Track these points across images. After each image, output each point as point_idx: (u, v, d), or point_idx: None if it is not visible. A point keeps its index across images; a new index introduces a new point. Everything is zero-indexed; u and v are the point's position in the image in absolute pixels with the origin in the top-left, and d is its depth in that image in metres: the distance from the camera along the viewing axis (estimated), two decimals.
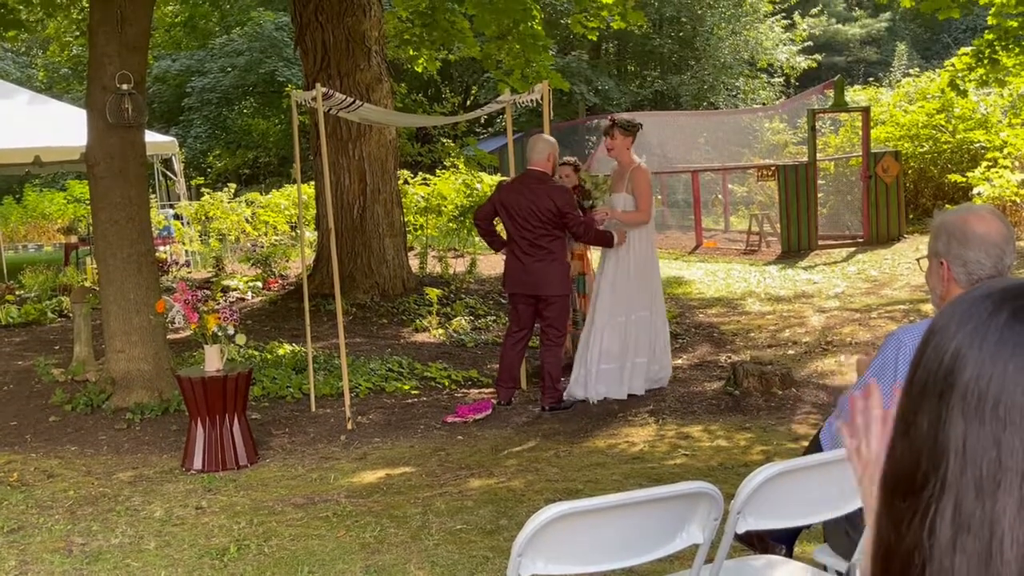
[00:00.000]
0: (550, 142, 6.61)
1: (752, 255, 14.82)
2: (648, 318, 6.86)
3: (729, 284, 12.11)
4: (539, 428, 6.25)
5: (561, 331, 6.64)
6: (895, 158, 14.28)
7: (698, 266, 14.24)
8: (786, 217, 14.13)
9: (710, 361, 8.13)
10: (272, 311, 10.89)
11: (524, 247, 6.51)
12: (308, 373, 7.12)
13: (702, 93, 29.81)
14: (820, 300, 10.40)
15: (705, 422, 6.21)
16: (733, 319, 9.90)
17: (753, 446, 5.61)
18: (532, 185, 6.46)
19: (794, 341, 8.61)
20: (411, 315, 10.37)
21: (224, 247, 16.07)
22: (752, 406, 6.52)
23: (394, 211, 11.26)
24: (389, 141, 11.15)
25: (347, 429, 6.33)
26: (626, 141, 6.80)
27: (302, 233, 7.61)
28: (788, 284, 11.66)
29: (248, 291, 11.95)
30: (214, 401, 5.53)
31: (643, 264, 6.82)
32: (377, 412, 6.80)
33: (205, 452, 5.54)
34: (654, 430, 6.08)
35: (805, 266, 13.02)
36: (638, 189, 6.72)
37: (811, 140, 14.30)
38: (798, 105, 17.93)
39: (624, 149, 6.82)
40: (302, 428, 6.46)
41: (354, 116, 7.28)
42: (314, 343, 8.66)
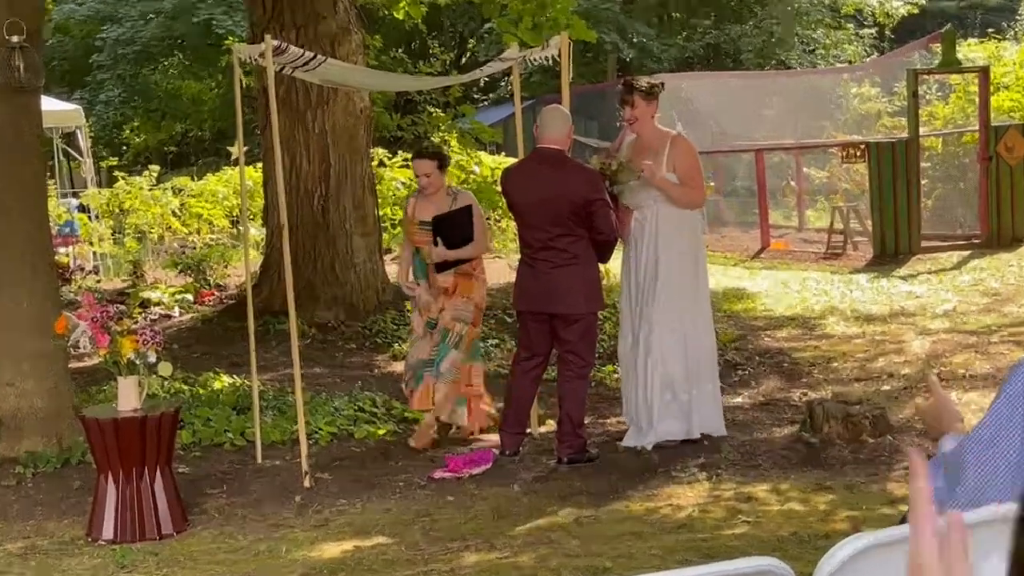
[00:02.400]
0: (567, 113, 6.66)
1: (835, 260, 14.82)
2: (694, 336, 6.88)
3: (805, 298, 12.09)
4: (555, 486, 6.24)
5: (586, 360, 6.65)
6: (1023, 133, 14.29)
7: (764, 275, 14.23)
8: (879, 211, 14.13)
9: (779, 399, 8.11)
10: (206, 332, 10.89)
11: (537, 251, 6.52)
12: (253, 414, 7.13)
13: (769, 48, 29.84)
14: (924, 319, 10.38)
15: (773, 479, 6.19)
16: (810, 344, 9.88)
17: (836, 511, 5.59)
18: (545, 169, 6.48)
19: (890, 373, 8.59)
20: (388, 338, 10.36)
21: (144, 248, 16.12)
22: (835, 458, 6.50)
23: (366, 201, 11.27)
24: (360, 110, 11.17)
25: (304, 487, 6.33)
26: (650, 108, 6.82)
27: (246, 230, 7.64)
28: (882, 298, 11.64)
29: (175, 306, 11.97)
30: (130, 450, 5.53)
31: (687, 264, 6.82)
32: (343, 465, 6.79)
33: (117, 517, 5.54)
34: (706, 489, 6.07)
35: (904, 275, 13.01)
36: (685, 164, 6.73)
37: (912, 110, 14.31)
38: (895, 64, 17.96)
39: (650, 118, 6.84)
40: (245, 486, 6.45)
41: (314, 77, 7.31)
42: (261, 375, 8.66)
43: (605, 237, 6.50)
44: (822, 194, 18.66)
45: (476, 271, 7.15)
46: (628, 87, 6.81)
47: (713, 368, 7.01)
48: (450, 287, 7.04)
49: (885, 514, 5.46)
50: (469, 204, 7.07)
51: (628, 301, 6.98)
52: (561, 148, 6.52)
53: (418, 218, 7.10)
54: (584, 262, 6.52)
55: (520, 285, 6.69)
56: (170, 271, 13.90)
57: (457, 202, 7.06)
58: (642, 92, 6.77)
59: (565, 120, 6.59)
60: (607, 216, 6.42)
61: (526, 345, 6.76)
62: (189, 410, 7.65)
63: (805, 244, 16.76)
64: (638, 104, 6.77)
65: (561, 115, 6.62)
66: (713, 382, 6.99)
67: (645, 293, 6.83)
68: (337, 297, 10.94)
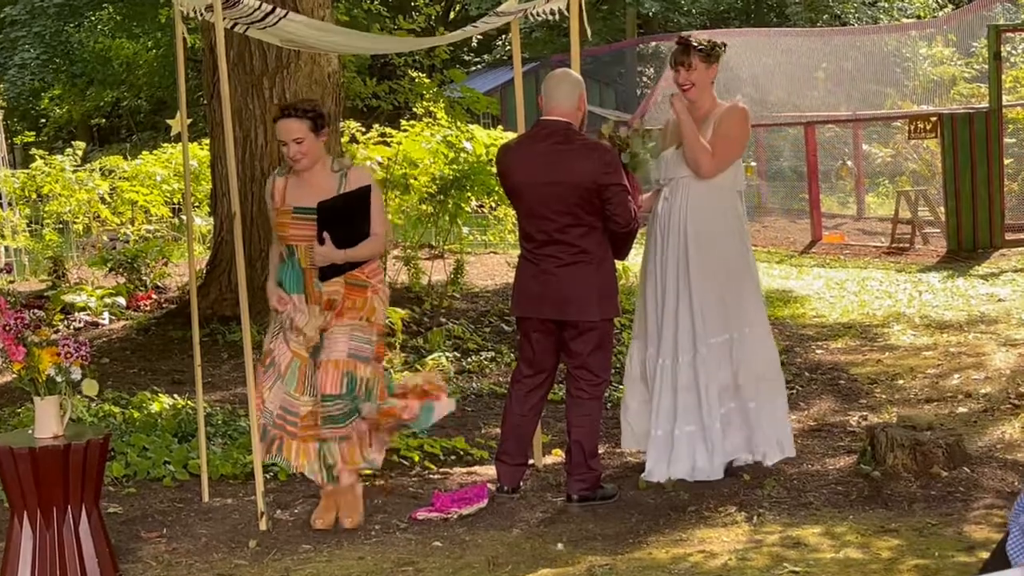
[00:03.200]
0: (580, 80, 6.64)
1: (901, 256, 14.85)
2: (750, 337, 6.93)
3: (864, 302, 12.11)
4: (564, 529, 6.25)
5: (600, 377, 6.65)
6: None
7: (815, 273, 14.25)
8: (955, 197, 14.15)
9: (834, 424, 8.12)
10: (142, 343, 10.89)
11: (541, 245, 6.52)
12: (198, 442, 7.13)
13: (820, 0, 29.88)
14: (1008, 328, 10.39)
15: (826, 520, 6.20)
16: (870, 357, 9.90)
17: (902, 558, 5.60)
18: (550, 147, 6.48)
19: (967, 393, 8.60)
20: None
21: (66, 242, 16.12)
22: (901, 495, 6.51)
23: None
24: (328, 76, 11.18)
25: (259, 530, 6.33)
26: (709, 72, 6.87)
27: (190, 220, 7.62)
28: (958, 302, 11.66)
29: (104, 311, 11.97)
30: (49, 486, 5.53)
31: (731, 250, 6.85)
32: (307, 504, 6.79)
33: (35, 564, 5.53)
34: (745, 533, 6.08)
35: (984, 274, 13.02)
36: (722, 125, 6.77)
37: (994, 74, 14.32)
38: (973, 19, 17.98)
39: (708, 84, 6.89)
40: (188, 528, 6.45)
41: (272, 36, 7.30)
42: (208, 394, 8.65)
43: (624, 228, 6.50)
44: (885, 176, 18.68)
45: (373, 280, 6.35)
46: (685, 46, 6.83)
47: (777, 378, 7.07)
48: (338, 302, 6.28)
49: (961, 562, 5.46)
50: (366, 185, 6.29)
51: (654, 300, 6.98)
52: (570, 121, 6.52)
53: (291, 204, 6.28)
54: (598, 259, 6.51)
55: (520, 287, 6.68)
56: (98, 269, 13.90)
57: (349, 182, 6.28)
58: (702, 53, 6.79)
59: (575, 86, 6.58)
60: (625, 203, 6.41)
61: (528, 359, 6.76)
62: (121, 437, 7.64)
63: (865, 237, 16.80)
64: (697, 66, 6.81)
65: (570, 80, 6.61)
66: (779, 396, 7.05)
67: (677, 288, 6.83)
68: None
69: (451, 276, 12.70)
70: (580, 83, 6.62)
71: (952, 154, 14.06)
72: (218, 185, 11.42)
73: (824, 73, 21.01)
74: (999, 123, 14.19)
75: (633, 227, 6.56)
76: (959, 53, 19.38)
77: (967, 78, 19.14)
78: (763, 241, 16.45)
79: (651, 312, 7.02)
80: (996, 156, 14.06)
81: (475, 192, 13.53)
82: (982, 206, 14.03)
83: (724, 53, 6.95)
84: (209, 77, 11.23)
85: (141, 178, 16.85)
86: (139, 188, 16.66)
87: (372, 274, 6.34)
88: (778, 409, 7.04)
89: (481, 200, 13.83)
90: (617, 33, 29.66)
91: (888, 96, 19.91)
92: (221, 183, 11.16)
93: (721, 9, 30.39)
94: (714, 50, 6.85)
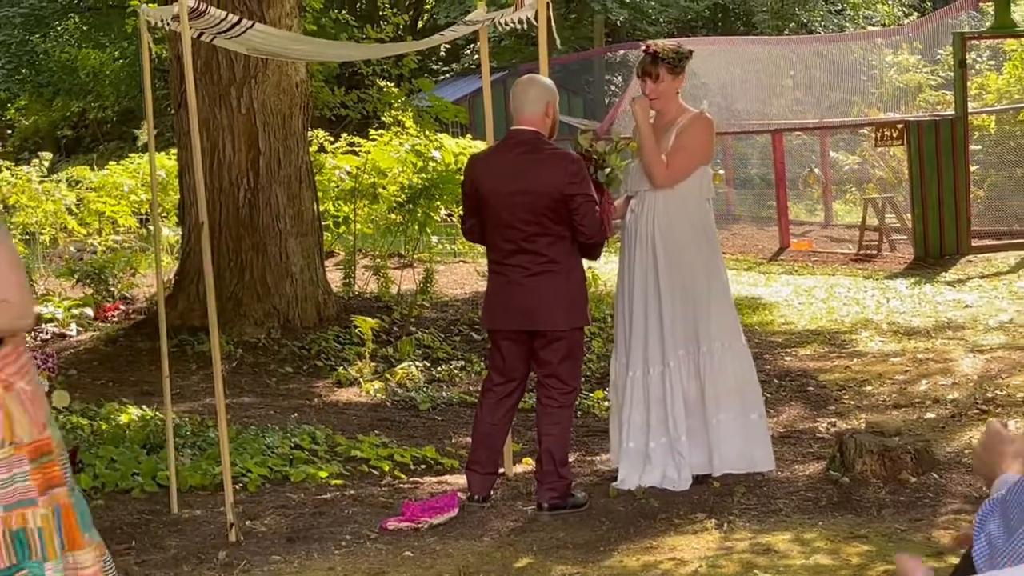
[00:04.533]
0: (548, 87, 6.62)
1: (868, 263, 14.91)
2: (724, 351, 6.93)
3: (832, 309, 12.15)
4: (534, 538, 6.24)
5: (570, 385, 6.65)
6: None
7: (783, 280, 14.29)
8: (921, 204, 14.22)
9: (803, 431, 8.14)
10: (110, 354, 10.84)
11: (509, 255, 6.51)
12: (167, 453, 7.10)
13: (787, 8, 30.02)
14: (976, 333, 10.44)
15: (796, 527, 6.21)
16: (839, 364, 9.93)
17: (871, 564, 5.62)
18: (517, 156, 6.48)
19: (935, 399, 8.63)
20: (331, 360, 10.35)
21: (33, 253, 16.02)
22: (870, 501, 6.53)
23: (303, 195, 11.25)
24: (296, 85, 11.16)
25: (229, 542, 6.31)
26: (676, 82, 6.88)
27: (157, 231, 7.61)
28: (925, 308, 11.71)
29: (71, 323, 11.91)
30: None
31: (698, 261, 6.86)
32: (277, 514, 6.77)
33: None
34: (716, 540, 6.08)
35: (951, 280, 13.09)
36: (683, 135, 6.77)
37: (959, 82, 14.41)
38: (937, 27, 18.09)
39: (674, 94, 6.89)
40: (158, 540, 6.42)
41: (240, 45, 7.29)
42: (177, 405, 8.61)
43: (590, 238, 6.52)
44: (852, 183, 18.77)
45: (5, 371, 4.30)
46: (653, 56, 6.82)
47: (750, 392, 7.04)
48: None
49: (931, 567, 5.48)
50: None
51: (623, 312, 7.00)
52: (538, 129, 6.51)
53: None
54: (566, 268, 6.52)
55: (491, 299, 6.68)
56: (65, 280, 13.82)
57: None
58: (669, 63, 6.80)
59: (543, 93, 6.56)
60: (591, 213, 6.41)
61: (498, 368, 6.75)
62: (89, 449, 7.60)
63: (832, 244, 16.85)
64: (664, 77, 6.81)
65: (537, 87, 6.58)
66: (754, 411, 7.02)
67: (645, 300, 6.84)
68: (269, 311, 10.91)
69: (420, 285, 12.68)
70: (548, 90, 6.58)
71: (918, 161, 14.13)
72: (186, 195, 11.38)
73: (791, 81, 21.11)
74: (965, 130, 14.27)
75: (600, 237, 6.58)
76: (925, 61, 19.50)
77: (933, 85, 19.26)
78: (731, 248, 16.50)
79: (623, 323, 7.03)
80: (962, 163, 14.14)
81: (444, 201, 13.53)
82: (948, 213, 14.10)
83: (690, 60, 6.97)
84: (176, 87, 11.19)
85: (108, 188, 16.77)
86: (106, 199, 16.58)
87: (5, 362, 4.28)
88: (753, 424, 7.02)
89: (450, 209, 13.83)
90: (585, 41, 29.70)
91: (855, 104, 20.01)
92: (189, 193, 11.11)
93: (688, 18, 30.48)
94: (681, 61, 6.86)
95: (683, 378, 6.85)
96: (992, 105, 16.66)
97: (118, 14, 25.13)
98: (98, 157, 24.60)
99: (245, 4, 10.48)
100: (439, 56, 31.77)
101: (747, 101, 20.45)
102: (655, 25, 28.83)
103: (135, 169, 17.25)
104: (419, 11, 32.04)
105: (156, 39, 6.94)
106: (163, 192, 15.68)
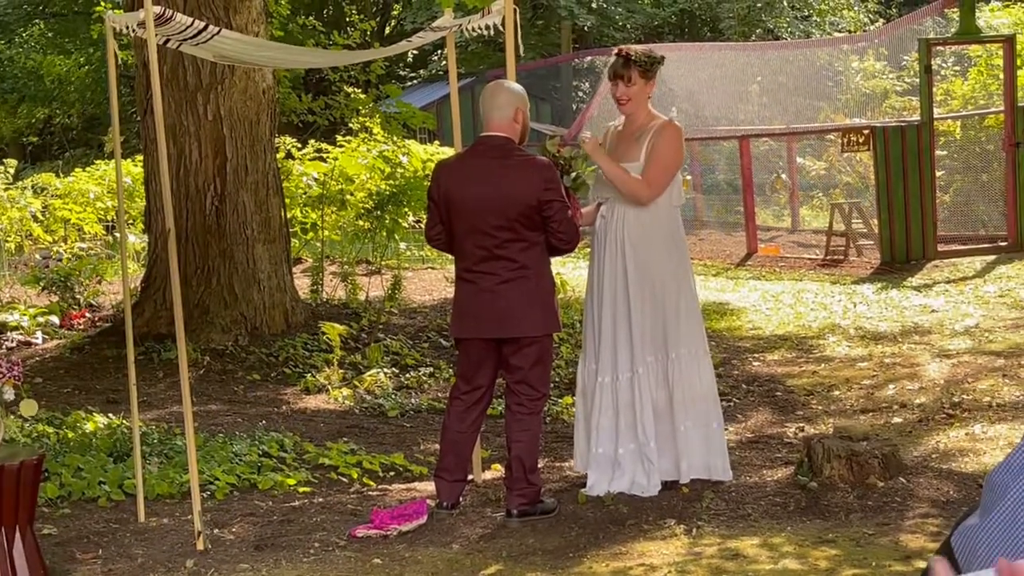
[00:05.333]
0: (517, 93, 6.62)
1: (835, 268, 14.96)
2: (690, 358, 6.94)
3: (800, 314, 12.19)
4: (504, 545, 6.24)
5: (540, 391, 6.65)
6: None
7: (751, 285, 14.33)
8: (887, 209, 14.30)
9: (771, 436, 8.16)
10: (76, 363, 10.79)
11: (479, 262, 6.51)
12: (134, 461, 7.06)
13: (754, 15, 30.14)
14: (942, 338, 10.50)
15: (764, 531, 6.23)
16: (806, 369, 9.96)
17: (840, 568, 5.63)
18: (487, 162, 6.48)
19: (902, 403, 8.67)
20: (299, 367, 10.33)
21: None
22: (838, 505, 6.55)
23: (270, 202, 11.23)
24: (263, 91, 11.14)
25: (197, 550, 6.28)
26: (647, 87, 6.89)
27: (123, 238, 7.57)
28: (891, 313, 11.76)
29: (37, 331, 11.85)
30: None
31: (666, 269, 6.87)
32: (245, 522, 6.75)
33: None
34: (684, 545, 6.09)
35: (917, 285, 13.15)
36: (656, 149, 6.77)
37: (925, 88, 14.49)
38: (904, 33, 18.20)
39: (645, 99, 6.90)
40: (125, 549, 6.39)
41: (206, 52, 7.27)
42: (144, 413, 8.58)
43: (567, 244, 6.54)
44: (819, 189, 18.85)
45: None
46: (625, 59, 6.82)
47: (712, 400, 7.06)
48: None
49: (898, 571, 5.51)
50: None
51: (592, 317, 7.01)
52: (508, 135, 6.51)
53: None
54: (537, 274, 6.52)
55: (460, 307, 6.66)
56: (31, 288, 13.76)
57: None
58: (642, 66, 6.80)
59: (511, 99, 6.54)
60: (567, 220, 6.43)
61: (466, 376, 6.74)
62: (55, 458, 7.56)
63: (800, 249, 16.92)
64: (635, 81, 6.81)
65: (506, 93, 6.57)
66: (716, 420, 7.04)
67: (614, 307, 6.85)
68: (236, 318, 10.89)
69: (388, 292, 12.67)
70: (517, 95, 6.56)
71: (885, 166, 14.20)
72: (152, 202, 11.35)
73: (758, 87, 21.18)
74: (930, 135, 14.35)
75: (575, 244, 6.61)
76: (891, 66, 19.60)
77: (899, 91, 19.36)
78: (699, 254, 16.54)
79: (592, 329, 7.04)
80: (928, 168, 14.22)
81: (412, 207, 13.52)
82: (915, 218, 14.18)
83: (662, 66, 6.98)
84: (142, 93, 11.15)
85: (74, 196, 16.71)
86: (72, 206, 16.52)
87: None
88: (712, 434, 7.04)
89: (418, 215, 13.82)
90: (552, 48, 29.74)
91: (821, 109, 20.09)
92: (155, 200, 11.08)
93: (656, 24, 30.56)
94: (653, 65, 6.87)
95: (652, 385, 6.87)
96: (958, 111, 16.76)
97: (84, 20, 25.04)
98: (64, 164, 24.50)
99: (212, 10, 10.46)
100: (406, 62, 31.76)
101: (714, 107, 20.51)
102: (622, 31, 28.89)
103: (101, 176, 17.20)
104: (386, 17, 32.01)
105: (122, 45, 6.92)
106: (129, 199, 15.63)
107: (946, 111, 16.50)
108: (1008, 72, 14.48)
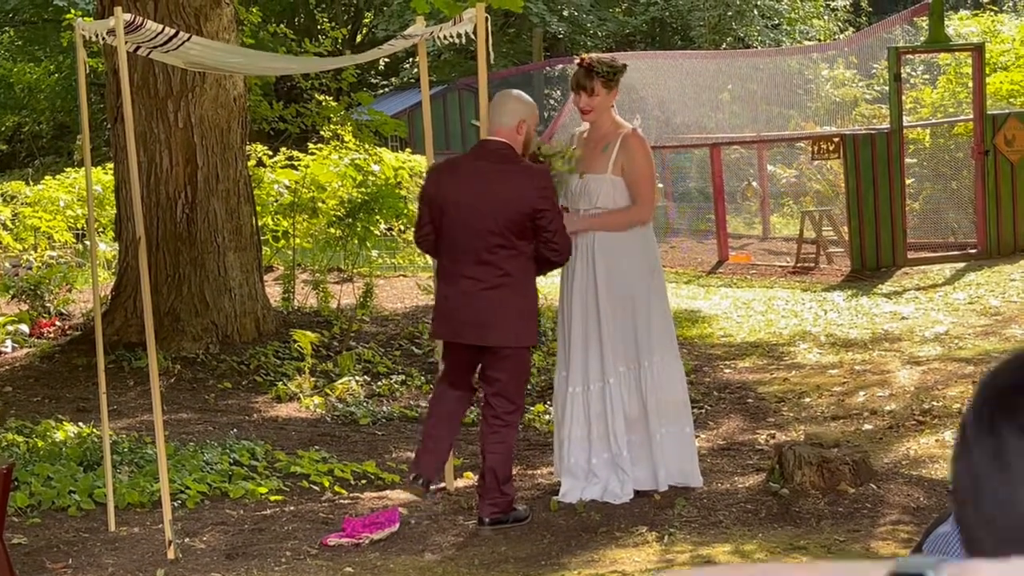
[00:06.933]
0: (525, 104, 6.62)
1: (806, 275, 15.01)
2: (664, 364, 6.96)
3: (771, 321, 12.22)
4: (476, 552, 6.24)
5: (515, 403, 6.65)
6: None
7: (722, 293, 14.37)
8: (858, 216, 14.35)
9: (742, 443, 8.18)
10: (46, 371, 10.74)
11: (465, 266, 6.49)
12: (104, 470, 7.04)
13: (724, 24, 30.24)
14: (912, 345, 10.54)
15: (736, 538, 6.24)
16: (778, 376, 9.98)
17: None
18: (483, 166, 6.47)
19: (873, 410, 8.70)
20: (270, 375, 10.30)
21: None
22: (809, 512, 6.57)
23: (241, 209, 11.21)
24: (234, 99, 11.12)
25: (168, 559, 6.26)
26: (610, 96, 6.90)
27: (94, 246, 7.54)
28: (862, 320, 11.80)
29: (6, 339, 11.79)
30: None
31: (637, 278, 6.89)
32: (216, 531, 6.73)
33: None
34: (656, 552, 6.10)
35: (887, 292, 13.20)
36: (635, 168, 6.79)
37: (894, 96, 14.56)
38: (874, 42, 18.27)
39: (608, 108, 6.91)
40: (95, 558, 6.37)
41: (177, 59, 7.25)
42: (114, 422, 8.54)
43: (560, 255, 6.54)
44: (789, 197, 18.91)
45: None
46: (587, 69, 6.82)
47: (684, 406, 7.08)
48: None
49: None
50: None
51: (563, 326, 7.02)
52: (509, 142, 6.50)
53: None
54: (521, 283, 6.50)
55: (441, 308, 6.66)
56: (0, 296, 13.69)
57: None
58: (604, 76, 6.81)
59: (518, 108, 6.56)
60: (562, 230, 6.43)
61: (452, 378, 6.77)
62: (25, 467, 7.53)
63: (771, 256, 16.96)
64: (598, 91, 6.82)
65: (514, 102, 6.58)
66: (688, 424, 7.07)
67: (585, 317, 6.86)
68: (207, 326, 10.85)
69: (360, 299, 12.64)
70: (525, 107, 6.59)
71: (855, 174, 14.25)
72: (122, 210, 11.30)
73: (729, 95, 21.24)
74: (900, 143, 14.41)
75: (567, 256, 6.60)
76: (860, 75, 19.68)
77: (868, 99, 19.44)
78: (670, 262, 16.56)
79: (563, 339, 7.05)
80: (898, 176, 14.27)
81: (384, 215, 13.50)
82: (884, 225, 14.23)
83: (624, 74, 6.99)
84: (113, 100, 11.11)
85: (44, 204, 16.60)
86: (42, 214, 16.42)
87: None
88: (685, 438, 7.06)
89: (390, 223, 13.81)
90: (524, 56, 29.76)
91: (792, 117, 20.16)
92: (125, 208, 11.04)
93: (627, 32, 30.64)
94: (615, 75, 6.88)
95: (624, 394, 6.87)
96: (927, 119, 16.84)
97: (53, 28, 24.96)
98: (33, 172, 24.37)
99: (182, 18, 10.43)
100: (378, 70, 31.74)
101: (685, 115, 20.54)
102: (594, 39, 28.95)
103: (71, 184, 17.11)
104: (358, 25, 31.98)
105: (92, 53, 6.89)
106: (99, 207, 15.56)
107: (916, 119, 16.58)
108: (977, 80, 14.56)
